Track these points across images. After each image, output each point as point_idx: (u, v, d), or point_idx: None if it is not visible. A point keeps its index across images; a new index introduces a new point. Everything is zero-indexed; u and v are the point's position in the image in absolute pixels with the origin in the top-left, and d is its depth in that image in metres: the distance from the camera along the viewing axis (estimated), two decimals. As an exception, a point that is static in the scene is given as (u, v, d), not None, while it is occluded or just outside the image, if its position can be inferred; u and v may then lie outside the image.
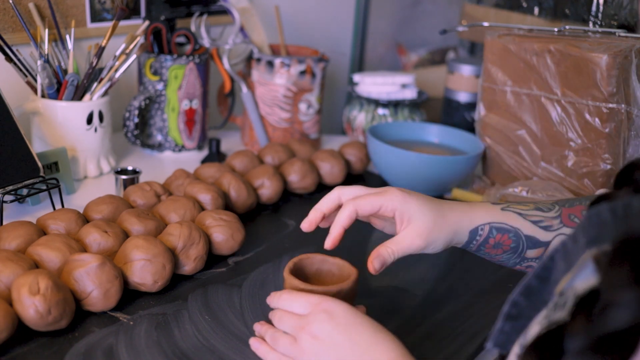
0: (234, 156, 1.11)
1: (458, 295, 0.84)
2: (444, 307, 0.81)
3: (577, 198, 0.75)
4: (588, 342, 0.38)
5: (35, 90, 1.05)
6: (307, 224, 0.72)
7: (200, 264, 0.82)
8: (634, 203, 0.42)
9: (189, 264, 0.81)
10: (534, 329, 0.45)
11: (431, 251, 0.69)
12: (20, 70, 1.03)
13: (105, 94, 1.09)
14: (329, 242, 0.70)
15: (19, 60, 1.03)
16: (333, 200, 0.72)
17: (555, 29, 1.09)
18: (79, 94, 1.06)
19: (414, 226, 0.68)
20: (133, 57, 1.09)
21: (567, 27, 1.09)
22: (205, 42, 1.23)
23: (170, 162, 1.22)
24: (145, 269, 0.75)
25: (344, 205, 0.69)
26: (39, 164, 0.92)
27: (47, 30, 1.05)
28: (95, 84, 1.07)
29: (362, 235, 0.95)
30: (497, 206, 0.71)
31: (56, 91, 1.05)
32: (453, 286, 0.86)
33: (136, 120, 1.15)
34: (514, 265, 0.73)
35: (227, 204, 0.97)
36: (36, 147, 1.06)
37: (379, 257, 0.67)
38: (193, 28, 1.24)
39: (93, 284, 0.70)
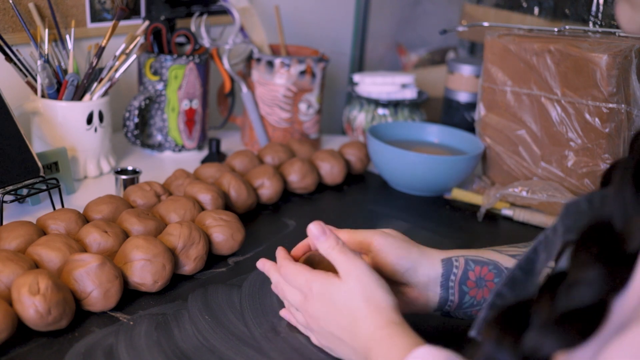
0: (234, 156, 1.11)
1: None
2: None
3: None
4: (552, 316, 0.39)
5: (35, 90, 1.05)
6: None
7: (200, 264, 0.82)
8: (609, 194, 0.43)
9: (189, 264, 0.81)
10: None
11: (399, 264, 0.68)
12: (20, 70, 1.03)
13: (105, 94, 1.09)
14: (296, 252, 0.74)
15: (19, 60, 1.03)
16: (310, 242, 0.74)
17: (555, 29, 1.09)
18: (79, 94, 1.06)
19: (378, 231, 0.70)
20: (133, 57, 1.09)
21: (567, 27, 1.09)
22: (205, 42, 1.23)
23: (170, 162, 1.22)
24: (145, 269, 0.75)
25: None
26: (39, 164, 0.92)
27: (47, 30, 1.05)
28: (95, 84, 1.07)
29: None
30: (468, 250, 0.72)
31: (56, 91, 1.05)
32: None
33: (136, 120, 1.15)
34: None
35: (227, 204, 0.97)
36: (36, 147, 1.06)
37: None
38: (193, 28, 1.24)
39: (93, 284, 0.70)
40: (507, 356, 0.40)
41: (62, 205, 0.94)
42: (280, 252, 0.71)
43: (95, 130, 1.08)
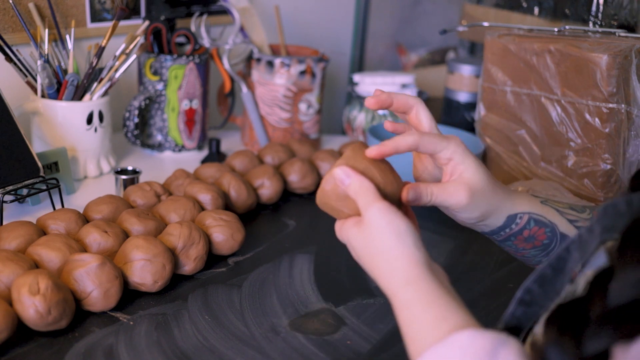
0: (234, 156, 1.11)
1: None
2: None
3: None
4: (606, 312, 0.39)
5: (35, 90, 1.05)
6: (374, 101, 0.64)
7: (200, 264, 0.82)
8: None
9: (189, 264, 0.81)
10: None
11: (464, 217, 0.63)
12: (20, 70, 1.03)
13: (105, 94, 1.09)
14: (375, 150, 0.60)
15: (19, 60, 1.03)
16: (407, 103, 0.66)
17: (555, 29, 1.09)
18: (79, 94, 1.06)
19: (463, 180, 0.61)
20: (133, 57, 1.09)
21: (567, 27, 1.09)
22: (205, 42, 1.23)
23: (170, 162, 1.22)
24: (145, 269, 0.75)
25: (410, 133, 0.61)
26: (39, 164, 0.92)
27: (47, 30, 1.05)
28: (95, 84, 1.07)
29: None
30: (537, 198, 0.67)
31: (56, 91, 1.05)
32: (453, 287, 0.86)
33: (136, 120, 1.15)
34: (536, 263, 0.69)
35: (227, 204, 0.97)
36: (36, 147, 1.06)
37: (417, 189, 0.60)
38: (193, 28, 1.24)
39: (93, 284, 0.70)
40: (569, 356, 0.40)
41: (62, 205, 0.94)
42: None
43: (95, 130, 1.08)
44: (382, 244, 0.55)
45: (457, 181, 0.62)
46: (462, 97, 1.37)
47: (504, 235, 0.66)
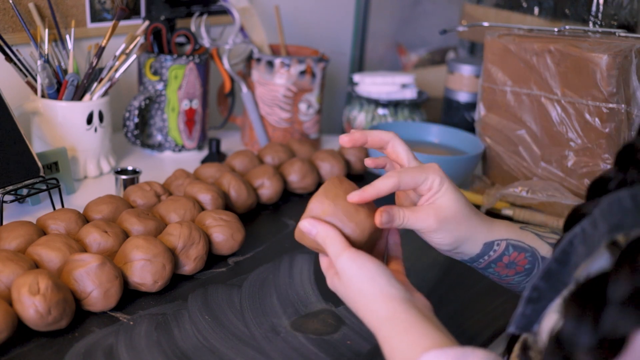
0: (234, 156, 1.11)
1: (458, 296, 0.84)
2: (444, 307, 0.81)
3: None
4: (632, 290, 0.38)
5: (35, 90, 1.05)
6: (348, 140, 0.66)
7: (200, 264, 0.82)
8: None
9: (189, 264, 0.81)
10: (551, 317, 0.46)
11: (436, 242, 0.66)
12: (20, 70, 1.03)
13: (105, 94, 1.09)
14: (357, 196, 0.63)
15: (19, 60, 1.03)
16: (382, 140, 0.67)
17: (555, 29, 1.09)
18: (79, 94, 1.06)
19: (435, 206, 0.64)
20: (133, 57, 1.09)
21: (567, 27, 1.09)
22: (205, 42, 1.23)
23: (170, 162, 1.22)
24: (145, 269, 0.75)
25: (389, 175, 0.63)
26: (39, 164, 0.92)
27: (47, 30, 1.05)
28: (95, 84, 1.07)
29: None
30: (515, 225, 0.69)
31: (56, 91, 1.05)
32: (453, 287, 0.86)
33: (136, 120, 1.15)
34: (522, 290, 0.69)
35: (227, 204, 0.97)
36: (36, 147, 1.06)
37: (389, 212, 0.62)
38: (193, 28, 1.24)
39: (93, 284, 0.70)
40: (587, 336, 0.40)
41: (62, 205, 0.94)
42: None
43: (95, 130, 1.08)
44: (357, 289, 0.59)
45: (430, 206, 0.64)
46: (462, 97, 1.37)
47: (484, 262, 0.68)
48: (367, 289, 0.58)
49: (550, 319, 0.46)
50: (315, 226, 0.62)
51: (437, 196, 0.64)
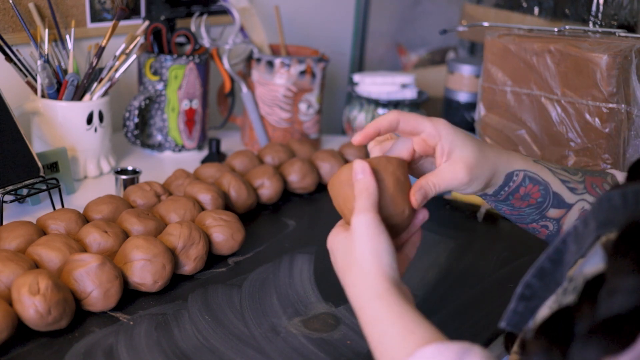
0: (234, 156, 1.11)
1: (458, 296, 0.84)
2: (444, 307, 0.81)
3: (595, 170, 0.72)
4: (593, 325, 0.39)
5: (35, 90, 1.05)
6: (361, 137, 0.64)
7: (200, 264, 0.82)
8: None
9: (189, 264, 0.81)
10: (544, 312, 0.46)
11: (471, 190, 0.64)
12: (20, 70, 1.03)
13: (105, 94, 1.09)
14: (358, 137, 0.64)
15: (19, 60, 1.03)
16: (391, 121, 0.65)
17: (555, 29, 1.09)
18: (79, 94, 1.06)
19: (456, 159, 0.62)
20: (133, 57, 1.09)
21: (567, 27, 1.09)
22: (205, 42, 1.23)
23: (170, 162, 1.22)
24: (145, 269, 0.75)
25: (390, 112, 0.64)
26: (39, 164, 0.92)
27: (47, 30, 1.05)
28: (95, 84, 1.07)
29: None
30: (529, 157, 0.68)
31: (56, 91, 1.05)
32: (453, 286, 0.86)
33: (136, 120, 1.15)
34: (530, 222, 0.69)
35: (227, 204, 0.97)
36: (36, 147, 1.06)
37: (421, 189, 0.61)
38: (193, 28, 1.24)
39: (93, 284, 0.70)
40: None
41: (62, 205, 0.94)
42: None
43: (95, 130, 1.08)
44: (360, 255, 0.57)
45: (451, 162, 0.63)
46: (462, 97, 1.37)
47: (504, 194, 0.66)
48: (369, 259, 0.56)
49: (543, 313, 0.47)
50: (365, 173, 0.59)
51: (451, 147, 0.63)
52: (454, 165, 0.62)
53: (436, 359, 0.49)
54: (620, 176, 0.70)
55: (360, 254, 0.57)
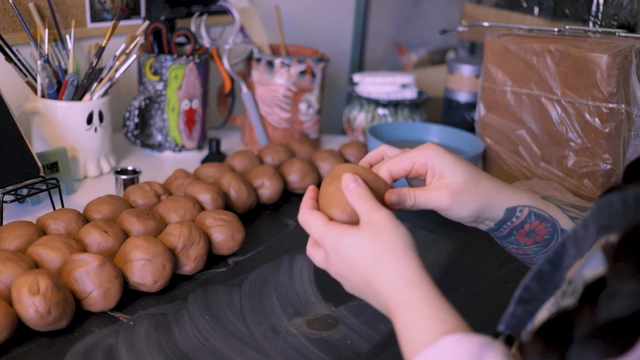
0: (234, 156, 1.11)
1: (458, 296, 0.84)
2: (444, 307, 0.81)
3: None
4: (593, 329, 0.39)
5: (35, 90, 1.05)
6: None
7: (200, 264, 0.82)
8: None
9: (189, 264, 0.81)
10: (542, 314, 0.46)
11: (455, 216, 0.64)
12: (20, 70, 1.03)
13: (105, 94, 1.09)
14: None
15: (19, 60, 1.03)
16: (376, 157, 0.67)
17: (555, 29, 1.09)
18: (79, 94, 1.06)
19: (443, 182, 0.63)
20: (133, 57, 1.08)
21: (567, 27, 1.09)
22: (205, 42, 1.23)
23: (170, 162, 1.22)
24: (145, 269, 0.75)
25: (376, 168, 0.65)
26: (39, 164, 0.92)
27: (47, 30, 1.05)
28: (95, 84, 1.07)
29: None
30: (538, 194, 0.68)
31: (56, 91, 1.05)
32: (453, 287, 0.86)
33: (136, 120, 1.15)
34: (535, 262, 0.69)
35: (227, 204, 0.97)
36: (36, 147, 1.06)
37: (400, 194, 0.62)
38: (193, 28, 1.24)
39: (93, 284, 0.70)
40: None
41: (62, 205, 0.94)
42: (307, 192, 0.65)
43: (95, 130, 1.08)
44: (393, 243, 0.56)
45: (439, 183, 0.63)
46: (462, 97, 1.37)
47: (507, 229, 0.66)
48: (400, 247, 0.56)
49: (542, 316, 0.47)
50: (358, 181, 0.60)
51: (440, 170, 0.63)
52: (440, 187, 0.63)
53: (457, 349, 0.48)
54: None
55: (393, 241, 0.56)
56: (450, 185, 0.63)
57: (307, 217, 0.61)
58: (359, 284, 0.58)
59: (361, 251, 0.57)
